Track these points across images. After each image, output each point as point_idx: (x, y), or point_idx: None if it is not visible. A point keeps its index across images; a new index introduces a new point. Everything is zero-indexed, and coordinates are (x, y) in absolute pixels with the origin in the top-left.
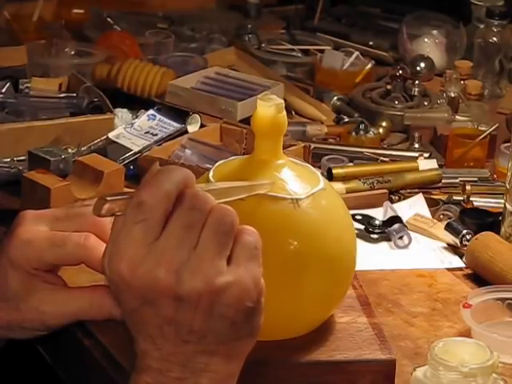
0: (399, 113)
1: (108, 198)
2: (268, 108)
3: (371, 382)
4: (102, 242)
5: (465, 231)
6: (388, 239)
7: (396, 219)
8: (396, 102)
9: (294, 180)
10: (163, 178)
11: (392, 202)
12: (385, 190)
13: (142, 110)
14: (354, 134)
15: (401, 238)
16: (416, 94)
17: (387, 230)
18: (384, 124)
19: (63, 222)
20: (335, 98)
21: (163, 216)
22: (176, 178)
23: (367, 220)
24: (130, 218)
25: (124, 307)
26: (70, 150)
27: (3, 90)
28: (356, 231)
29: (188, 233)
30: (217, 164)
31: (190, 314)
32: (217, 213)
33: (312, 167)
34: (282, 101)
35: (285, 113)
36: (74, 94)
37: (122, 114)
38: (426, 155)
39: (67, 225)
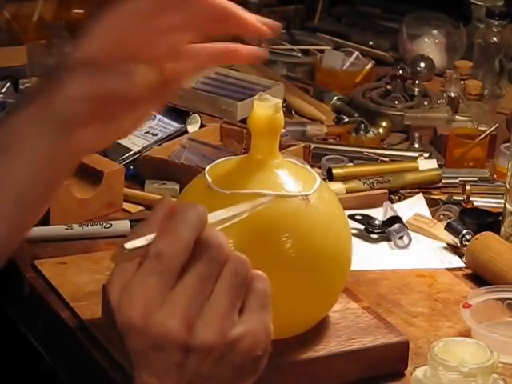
0: (399, 113)
1: (128, 247)
2: (265, 108)
3: (388, 364)
4: None
5: (465, 231)
6: (388, 239)
7: (396, 219)
8: (396, 102)
9: (293, 178)
10: (181, 224)
11: (392, 202)
12: (385, 190)
13: None
14: (353, 134)
15: (401, 238)
16: (416, 94)
17: (387, 230)
18: (384, 124)
19: None
20: (335, 98)
21: (180, 266)
22: (193, 224)
23: (367, 220)
24: (146, 268)
25: (130, 346)
26: None
27: (3, 90)
28: (356, 231)
29: (203, 284)
30: (213, 164)
31: (198, 363)
32: (232, 265)
33: (308, 166)
34: (279, 101)
35: (281, 113)
36: None
37: None
38: (426, 155)
39: None
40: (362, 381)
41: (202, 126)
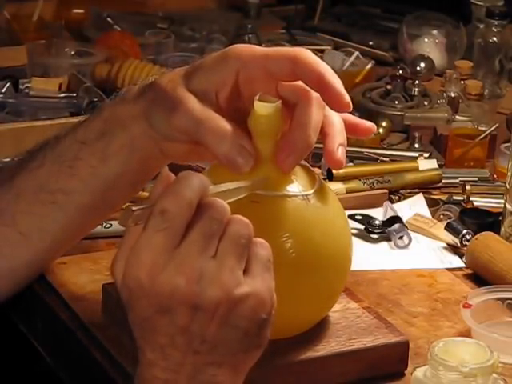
0: (399, 113)
1: (133, 209)
2: (265, 108)
3: (388, 364)
4: None
5: (465, 231)
6: (388, 239)
7: (396, 219)
8: (396, 102)
9: (293, 178)
10: (184, 185)
11: (392, 202)
12: (385, 190)
13: None
14: None
15: (401, 237)
16: (416, 93)
17: (387, 230)
18: (384, 124)
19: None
20: None
21: (185, 224)
22: (196, 186)
23: (367, 220)
24: (151, 226)
25: (136, 315)
26: None
27: (3, 90)
28: (356, 231)
29: (208, 242)
30: (213, 163)
31: (204, 324)
32: (235, 225)
33: (308, 166)
34: (280, 100)
35: (282, 113)
36: (74, 94)
37: None
38: (426, 155)
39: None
40: (362, 381)
41: None
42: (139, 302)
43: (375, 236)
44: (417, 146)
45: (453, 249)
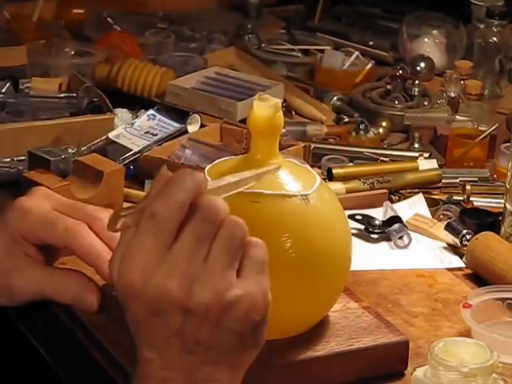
0: (399, 113)
1: (122, 213)
2: (265, 108)
3: (388, 364)
4: (92, 233)
5: (465, 231)
6: (388, 239)
7: (396, 219)
8: (396, 102)
9: (293, 178)
10: (176, 187)
11: (392, 202)
12: (385, 190)
13: (142, 110)
14: (354, 133)
15: (401, 238)
16: (416, 93)
17: (387, 230)
18: (384, 124)
19: (66, 208)
20: (335, 98)
21: (176, 227)
22: (189, 187)
23: (367, 220)
24: (142, 229)
25: (131, 316)
26: (70, 150)
27: (3, 90)
28: (356, 231)
29: (200, 244)
30: (213, 164)
31: (197, 327)
32: (228, 226)
33: (308, 166)
34: (279, 101)
35: (281, 113)
36: (74, 94)
37: (122, 114)
38: (426, 155)
39: (68, 211)
40: (362, 381)
41: (202, 125)
42: (133, 304)
43: (375, 236)
44: (417, 146)
45: (453, 249)
